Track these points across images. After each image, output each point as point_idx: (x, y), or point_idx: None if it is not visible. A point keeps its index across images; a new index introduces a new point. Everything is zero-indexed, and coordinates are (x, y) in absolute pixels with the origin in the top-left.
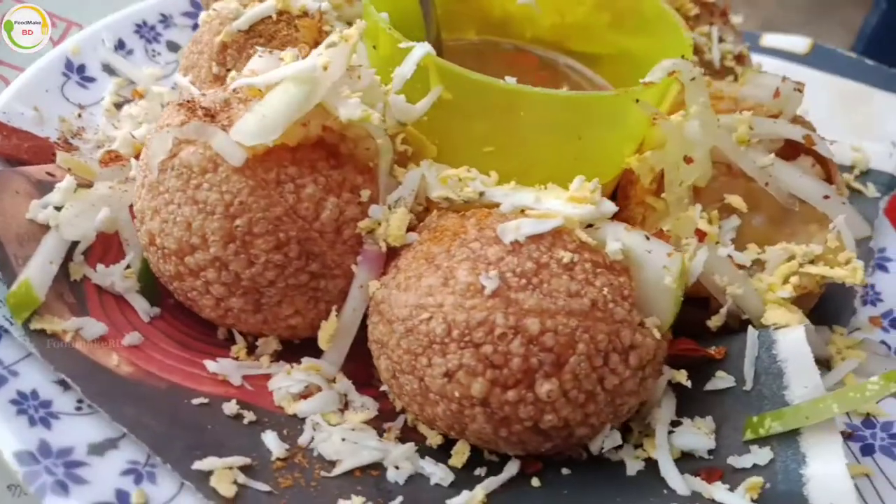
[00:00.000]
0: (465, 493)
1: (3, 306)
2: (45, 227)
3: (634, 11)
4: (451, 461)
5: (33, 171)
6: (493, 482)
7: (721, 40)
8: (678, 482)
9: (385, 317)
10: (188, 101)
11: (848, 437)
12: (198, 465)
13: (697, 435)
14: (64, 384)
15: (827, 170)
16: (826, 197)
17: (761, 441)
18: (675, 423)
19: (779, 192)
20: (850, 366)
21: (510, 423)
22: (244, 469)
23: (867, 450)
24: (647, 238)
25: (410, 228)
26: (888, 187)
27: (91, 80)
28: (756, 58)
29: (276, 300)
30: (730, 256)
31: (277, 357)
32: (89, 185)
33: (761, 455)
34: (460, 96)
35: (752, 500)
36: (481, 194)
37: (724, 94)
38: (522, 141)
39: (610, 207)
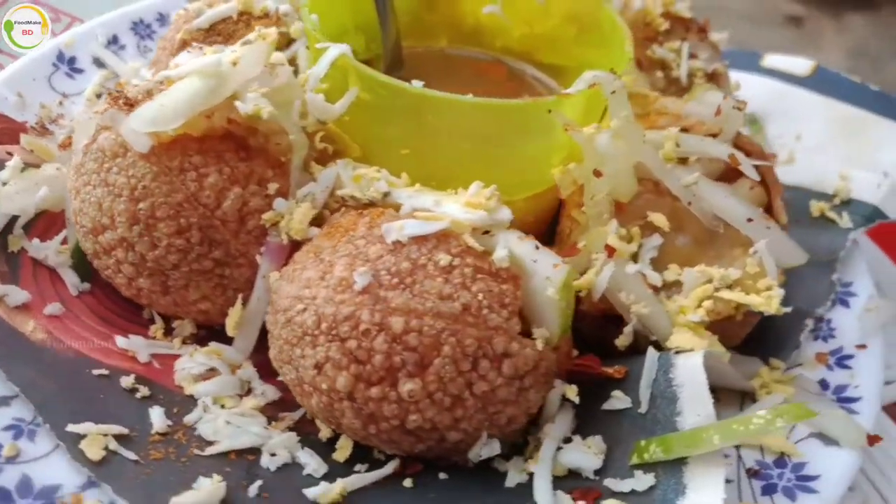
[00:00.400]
0: (323, 484)
1: None
2: None
3: (595, 25)
4: (335, 455)
5: None
6: (359, 479)
7: (693, 56)
8: (544, 497)
9: (273, 306)
10: (116, 91)
11: (754, 474)
12: (72, 427)
13: (586, 454)
14: None
15: (769, 193)
16: (749, 220)
17: (647, 467)
18: (569, 440)
19: (702, 213)
20: (773, 400)
21: (377, 420)
22: (119, 437)
23: (769, 489)
24: (537, 248)
25: (319, 224)
26: (867, 219)
27: (79, 71)
28: (755, 78)
29: (181, 283)
30: (643, 275)
31: (198, 341)
32: None
33: (643, 481)
34: (375, 98)
35: None
36: (386, 195)
37: (669, 110)
38: (435, 145)
39: (505, 215)
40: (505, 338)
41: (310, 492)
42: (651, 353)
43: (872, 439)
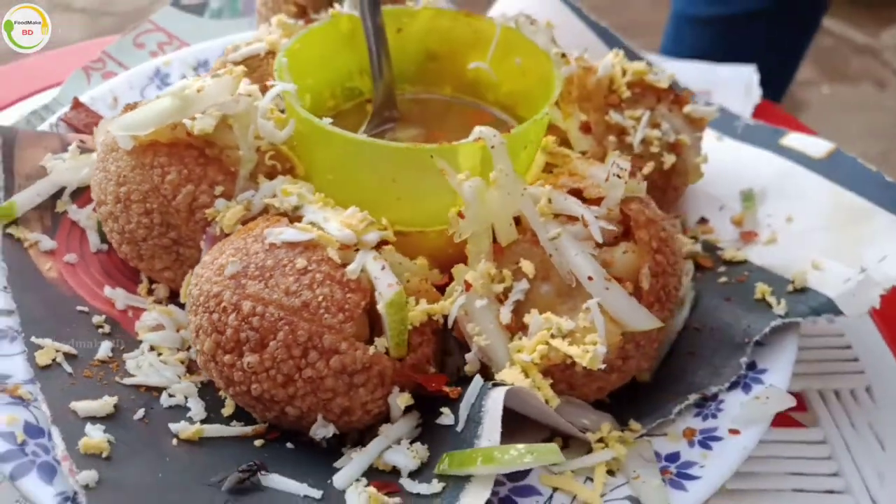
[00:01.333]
0: (184, 423)
1: None
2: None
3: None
4: (223, 410)
5: (69, 138)
6: (218, 429)
7: (656, 126)
8: (345, 475)
9: None
10: (134, 103)
11: None
12: (35, 339)
13: (407, 456)
14: None
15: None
16: (590, 278)
17: (442, 477)
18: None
19: (560, 266)
20: (603, 455)
21: (232, 383)
22: (67, 355)
23: None
24: (383, 268)
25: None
26: (815, 311)
27: (168, 85)
28: (767, 155)
29: (149, 254)
30: (496, 311)
31: (170, 303)
32: None
33: (433, 488)
34: (303, 129)
35: None
36: (297, 207)
37: (577, 170)
38: (348, 174)
39: (371, 237)
40: (336, 336)
41: (174, 426)
42: (477, 380)
43: None
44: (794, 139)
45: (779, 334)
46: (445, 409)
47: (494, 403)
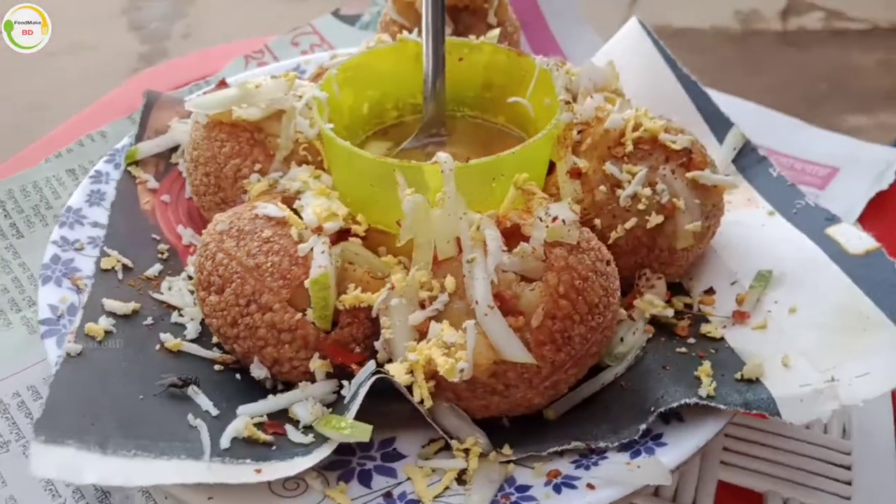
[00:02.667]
0: (169, 335)
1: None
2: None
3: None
4: (214, 339)
5: None
6: (195, 347)
7: (652, 185)
8: (245, 408)
9: None
10: (223, 82)
11: None
12: (106, 248)
13: (307, 410)
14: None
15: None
16: (476, 302)
17: (316, 434)
18: None
19: (467, 287)
20: (454, 464)
21: (205, 315)
22: (125, 267)
23: None
24: (323, 252)
25: None
26: (747, 404)
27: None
28: (804, 241)
29: (207, 207)
30: (409, 314)
31: None
32: None
33: (304, 439)
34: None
35: None
36: (298, 191)
37: (533, 209)
38: (343, 173)
39: (331, 226)
40: (272, 297)
41: (163, 335)
42: (369, 365)
43: None
44: (841, 230)
45: (701, 417)
46: (346, 382)
47: (366, 387)
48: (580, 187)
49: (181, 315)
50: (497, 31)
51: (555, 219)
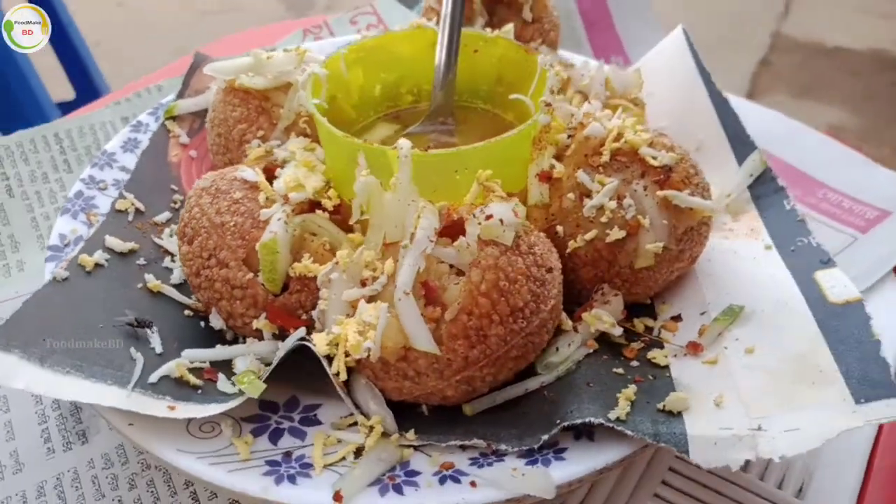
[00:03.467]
0: (151, 276)
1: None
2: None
3: None
4: None
5: None
6: (171, 291)
7: (619, 198)
8: (191, 353)
9: None
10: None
11: None
12: (125, 192)
13: (246, 364)
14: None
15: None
16: (406, 293)
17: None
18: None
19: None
20: (353, 437)
21: (183, 262)
22: (137, 210)
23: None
24: (279, 220)
25: None
26: (655, 436)
27: None
28: (789, 281)
29: (221, 165)
30: (345, 286)
31: None
32: None
33: (230, 388)
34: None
35: None
36: (284, 160)
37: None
38: (327, 149)
39: (295, 197)
40: (229, 254)
41: (147, 275)
42: (301, 330)
43: None
44: (831, 275)
45: (611, 440)
46: (280, 344)
47: (284, 351)
48: (547, 191)
49: (173, 261)
50: (511, 26)
51: (489, 217)
